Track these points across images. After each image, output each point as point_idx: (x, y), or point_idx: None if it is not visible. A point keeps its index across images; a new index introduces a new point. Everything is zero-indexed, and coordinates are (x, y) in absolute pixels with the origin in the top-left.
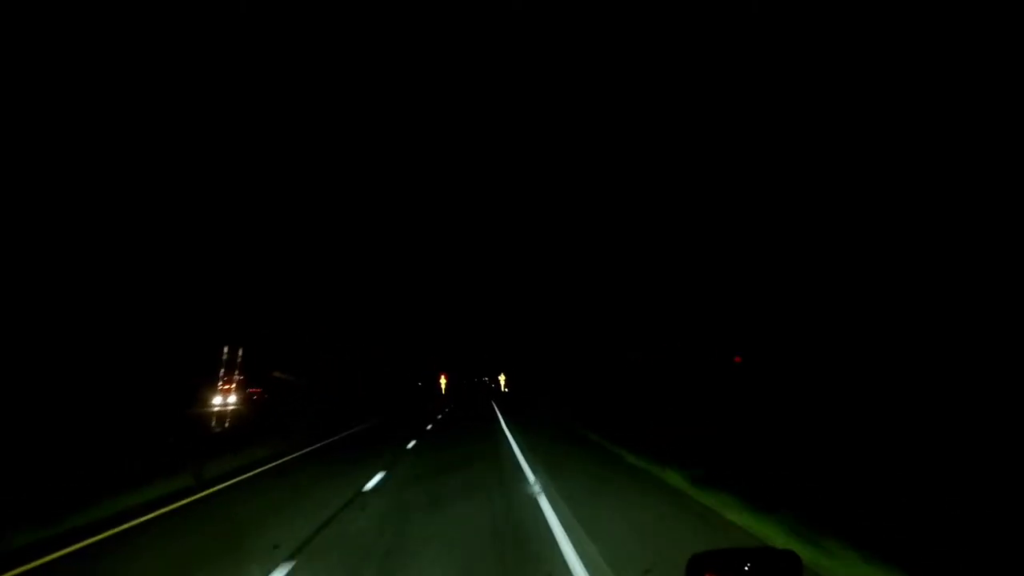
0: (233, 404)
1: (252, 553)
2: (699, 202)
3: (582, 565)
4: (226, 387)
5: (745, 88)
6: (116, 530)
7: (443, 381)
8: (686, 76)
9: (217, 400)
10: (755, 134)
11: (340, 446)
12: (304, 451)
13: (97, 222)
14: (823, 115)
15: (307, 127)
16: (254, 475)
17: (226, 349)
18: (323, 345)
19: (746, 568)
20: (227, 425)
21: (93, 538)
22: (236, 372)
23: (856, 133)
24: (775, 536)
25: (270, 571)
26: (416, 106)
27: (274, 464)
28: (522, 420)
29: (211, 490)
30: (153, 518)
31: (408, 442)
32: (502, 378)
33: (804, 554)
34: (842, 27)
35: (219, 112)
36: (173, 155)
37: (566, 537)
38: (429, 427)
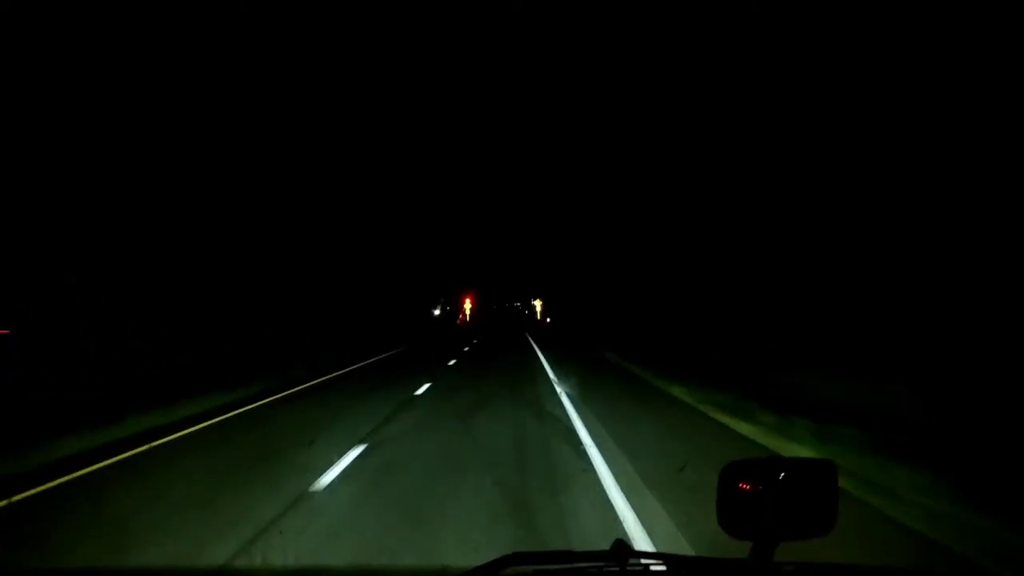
0: None
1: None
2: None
3: None
4: None
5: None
6: (252, 406)
7: (467, 307)
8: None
9: None
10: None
11: None
12: None
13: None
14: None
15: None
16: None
17: None
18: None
19: (780, 477)
20: None
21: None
22: None
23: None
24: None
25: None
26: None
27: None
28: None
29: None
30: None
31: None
32: (538, 304)
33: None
34: None
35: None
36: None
37: None
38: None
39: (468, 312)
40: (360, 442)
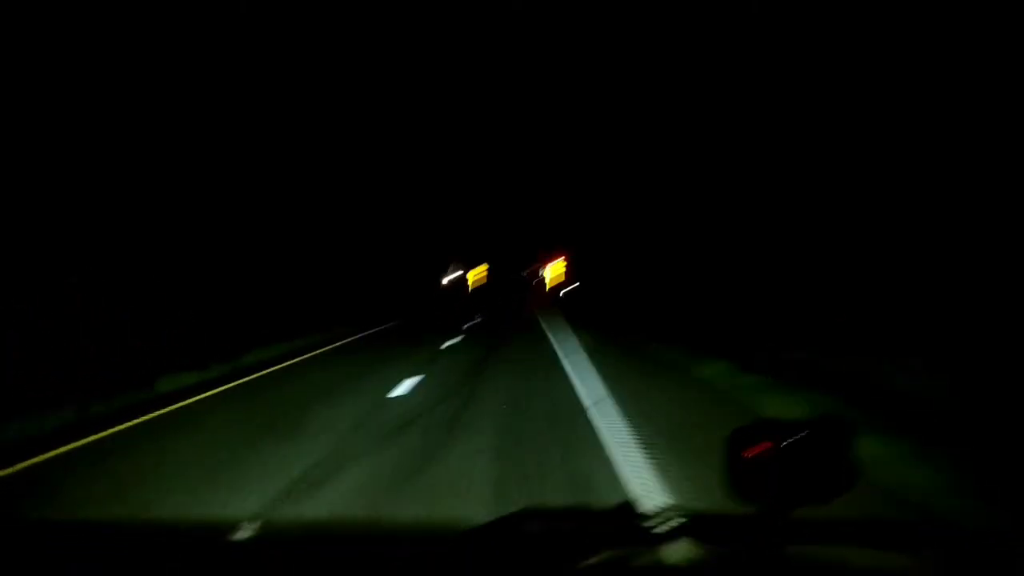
0: None
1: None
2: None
3: None
4: None
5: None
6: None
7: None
8: None
9: None
10: None
11: None
12: None
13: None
14: None
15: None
16: None
17: None
18: None
19: (791, 439)
20: None
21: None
22: None
23: None
24: None
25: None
26: None
27: None
28: None
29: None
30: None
31: None
32: (556, 267)
33: None
34: None
35: None
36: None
37: None
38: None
39: (477, 278)
40: None
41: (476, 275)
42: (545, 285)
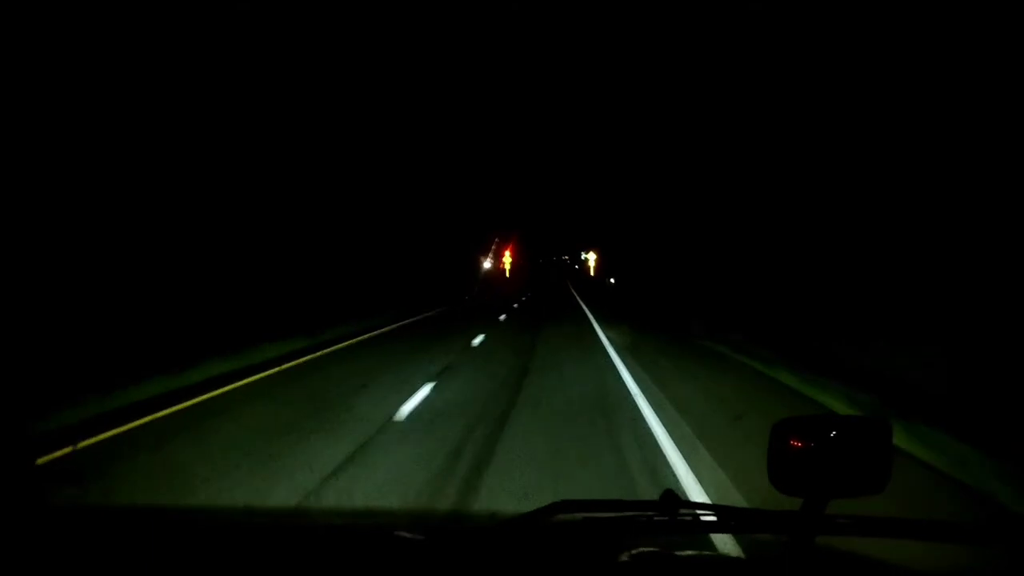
0: None
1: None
2: None
3: None
4: None
5: None
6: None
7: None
8: None
9: None
10: None
11: None
12: None
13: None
14: None
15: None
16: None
17: None
18: None
19: (833, 434)
20: None
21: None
22: None
23: None
24: None
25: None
26: None
27: None
28: None
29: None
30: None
31: None
32: (591, 257)
33: None
34: None
35: None
36: None
37: None
38: None
39: (508, 265)
40: None
41: (508, 262)
42: (589, 270)
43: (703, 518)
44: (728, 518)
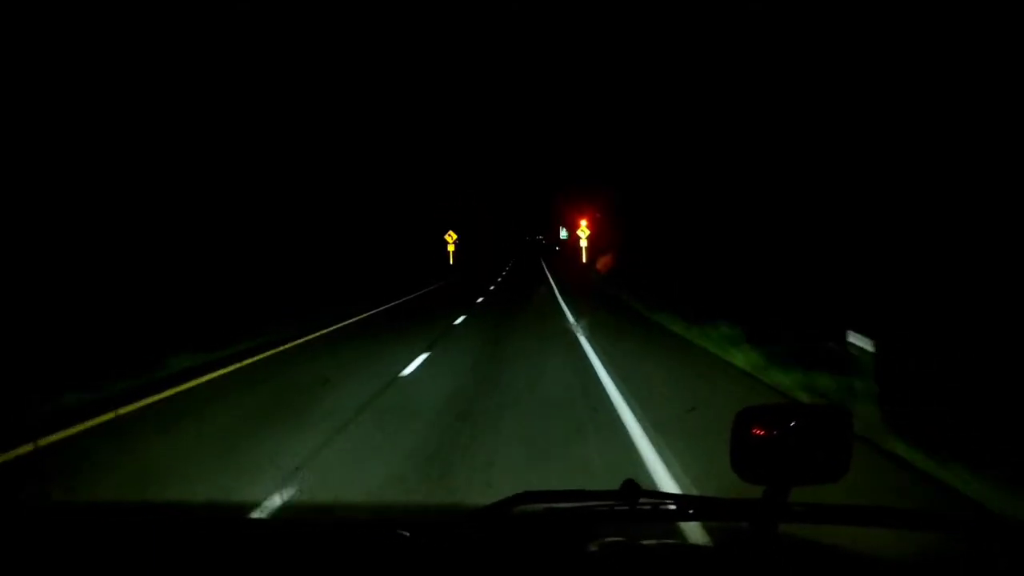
0: None
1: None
2: None
3: None
4: None
5: None
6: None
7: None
8: None
9: None
10: None
11: None
12: None
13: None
14: None
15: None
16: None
17: None
18: None
19: (793, 423)
20: None
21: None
22: None
23: None
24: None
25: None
26: None
27: None
28: None
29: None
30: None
31: None
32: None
33: None
34: None
35: None
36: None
37: None
38: None
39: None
40: None
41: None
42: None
43: (663, 507)
44: (688, 506)
